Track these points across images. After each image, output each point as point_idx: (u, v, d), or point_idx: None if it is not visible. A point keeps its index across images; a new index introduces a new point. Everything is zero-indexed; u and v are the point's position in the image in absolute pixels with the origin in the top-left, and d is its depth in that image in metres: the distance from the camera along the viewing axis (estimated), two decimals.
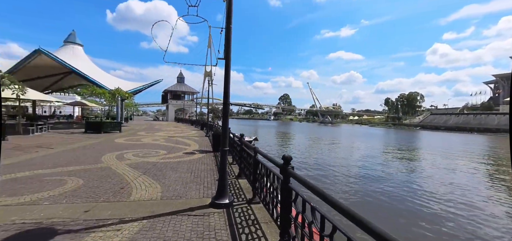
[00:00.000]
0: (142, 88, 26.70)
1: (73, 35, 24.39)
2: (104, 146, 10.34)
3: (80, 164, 6.66)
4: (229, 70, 3.93)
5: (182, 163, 7.27)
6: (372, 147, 26.67)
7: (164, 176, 5.69)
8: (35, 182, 4.89)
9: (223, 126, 4.14)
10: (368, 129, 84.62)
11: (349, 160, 17.79)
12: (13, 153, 7.98)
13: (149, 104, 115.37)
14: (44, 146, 9.76)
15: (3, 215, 3.31)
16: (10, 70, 17.19)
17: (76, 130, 17.91)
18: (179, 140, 13.45)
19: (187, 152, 9.50)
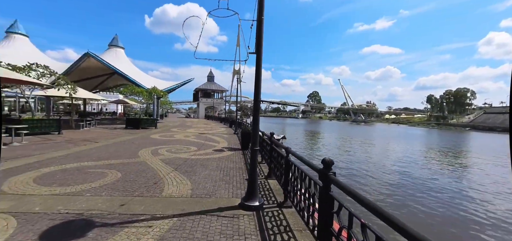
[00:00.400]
0: (176, 87, 28.09)
1: (116, 39, 26.73)
2: (141, 141, 11.00)
3: (119, 157, 7.11)
4: (260, 65, 3.71)
5: (212, 160, 7.30)
6: (414, 150, 24.28)
7: (194, 173, 5.73)
8: (81, 173, 5.29)
9: (253, 124, 3.94)
10: (407, 128, 77.74)
11: (388, 165, 16.39)
12: (66, 145, 8.90)
13: (182, 102, 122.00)
14: (90, 140, 10.74)
15: (52, 204, 3.58)
16: (65, 72, 19.43)
17: (118, 125, 19.55)
18: (208, 137, 13.75)
19: (216, 149, 9.59)
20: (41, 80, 12.40)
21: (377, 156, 19.65)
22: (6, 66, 11.25)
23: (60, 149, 8.17)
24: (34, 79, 9.95)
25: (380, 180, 11.70)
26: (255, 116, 3.85)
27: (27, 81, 9.16)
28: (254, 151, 3.89)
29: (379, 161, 17.19)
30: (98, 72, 24.21)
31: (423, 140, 38.01)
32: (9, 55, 18.61)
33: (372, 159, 17.98)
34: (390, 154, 21.18)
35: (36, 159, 6.51)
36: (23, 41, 22.47)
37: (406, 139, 37.66)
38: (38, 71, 11.87)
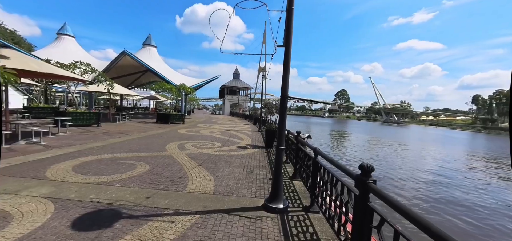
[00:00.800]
0: (203, 84, 28.94)
1: (149, 38, 28.39)
2: (169, 135, 11.44)
3: (148, 150, 7.42)
4: (289, 59, 3.48)
5: (235, 157, 7.25)
6: (457, 156, 21.87)
7: (218, 169, 5.70)
8: (113, 164, 5.58)
9: (280, 122, 3.72)
10: (446, 131, 70.64)
11: (425, 173, 14.97)
12: (103, 137, 9.59)
13: (208, 99, 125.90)
14: (125, 132, 11.47)
15: (85, 192, 3.77)
16: (104, 69, 21.15)
17: (149, 120, 20.72)
18: (233, 134, 13.83)
19: (240, 146, 9.55)
20: (84, 76, 13.58)
21: (413, 161, 18.04)
22: (55, 64, 12.51)
23: (98, 140, 8.82)
24: (77, 75, 10.90)
25: (417, 191, 10.66)
26: (281, 113, 3.64)
27: (71, 77, 10.06)
28: (280, 150, 3.68)
29: (415, 167, 15.74)
30: (133, 70, 25.90)
31: (466, 145, 34.10)
32: (58, 54, 20.82)
33: (406, 164, 16.55)
34: (427, 160, 19.31)
35: (77, 148, 7.08)
36: (71, 41, 25.02)
37: (445, 143, 34.11)
38: (81, 69, 13.02)
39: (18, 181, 4.12)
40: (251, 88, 55.41)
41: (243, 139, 11.64)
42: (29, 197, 3.48)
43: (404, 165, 15.89)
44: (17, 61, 7.11)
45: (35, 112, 16.21)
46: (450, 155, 21.77)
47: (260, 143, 10.81)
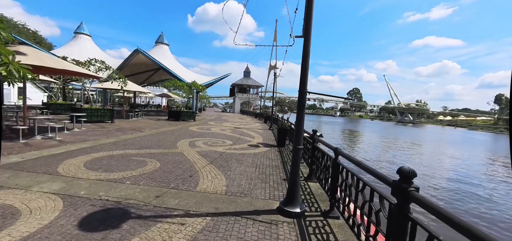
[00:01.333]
0: (214, 82, 29.00)
1: (161, 37, 28.75)
2: (181, 132, 11.42)
3: (160, 147, 7.35)
4: (308, 50, 3.20)
5: (247, 156, 7.04)
6: (479, 161, 20.65)
7: (229, 168, 5.51)
8: (124, 160, 5.52)
9: (297, 119, 3.44)
10: (466, 132, 67.25)
11: (446, 178, 14.20)
12: (115, 133, 9.68)
13: (219, 97, 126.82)
14: (137, 129, 11.56)
15: (95, 190, 3.68)
16: (119, 67, 21.62)
17: (161, 117, 20.96)
18: (243, 132, 13.65)
19: (251, 144, 9.34)
20: (99, 74, 13.83)
21: (435, 165, 17.16)
22: (71, 61, 12.81)
23: (111, 136, 8.88)
24: (92, 72, 11.08)
25: (456, 203, 10.03)
26: (299, 111, 3.36)
27: (86, 74, 10.22)
28: (297, 150, 3.41)
29: (437, 171, 14.94)
30: (146, 68, 26.35)
31: (490, 148, 32.19)
32: (75, 52, 21.45)
33: (429, 168, 15.75)
34: (448, 163, 18.32)
35: (90, 144, 7.13)
36: (87, 40, 25.77)
37: (468, 145, 32.37)
38: (96, 66, 13.27)
39: (30, 176, 4.10)
40: (261, 86, 55.10)
41: (254, 137, 11.43)
42: (40, 193, 3.42)
43: (437, 171, 15.11)
44: (33, 57, 7.22)
45: (53, 108, 16.78)
46: (470, 158, 20.56)
47: (271, 141, 10.56)
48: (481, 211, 8.39)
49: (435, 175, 13.03)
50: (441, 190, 10.37)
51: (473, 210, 8.49)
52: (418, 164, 16.18)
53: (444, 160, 18.80)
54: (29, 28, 46.72)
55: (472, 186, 11.30)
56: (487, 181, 12.69)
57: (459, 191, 10.46)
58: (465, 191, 10.40)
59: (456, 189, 10.71)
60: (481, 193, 10.38)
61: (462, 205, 8.78)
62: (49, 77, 17.82)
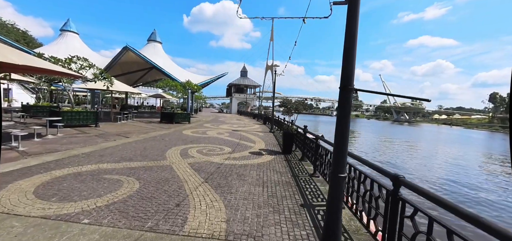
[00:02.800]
0: (210, 81, 27.72)
1: (154, 34, 27.32)
2: (172, 137, 10.17)
3: (144, 158, 6.11)
4: (355, 25, 2.02)
5: (250, 168, 5.85)
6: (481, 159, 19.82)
7: (230, 188, 4.31)
8: (93, 181, 4.27)
9: (338, 135, 2.24)
10: (463, 131, 67.15)
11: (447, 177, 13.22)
12: (96, 140, 8.38)
13: (215, 98, 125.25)
14: (123, 134, 10.26)
15: (29, 239, 2.44)
16: (107, 66, 20.20)
17: (154, 119, 19.61)
18: (243, 135, 12.45)
19: (253, 151, 8.15)
20: (82, 72, 12.48)
21: (438, 167, 16.20)
22: (49, 58, 11.44)
23: (89, 144, 7.60)
24: (70, 71, 9.75)
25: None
26: (341, 118, 2.17)
27: (63, 72, 8.88)
28: (339, 180, 2.22)
29: (437, 172, 13.96)
30: (138, 67, 24.94)
31: (488, 145, 31.57)
32: (61, 51, 19.97)
33: (431, 169, 14.77)
34: (448, 163, 17.40)
35: (58, 156, 5.84)
36: (74, 38, 24.23)
37: (466, 143, 31.69)
38: (78, 64, 11.91)
39: None
40: (259, 86, 53.93)
41: (255, 142, 10.24)
42: None
43: (438, 172, 14.13)
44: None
45: (34, 111, 15.32)
46: (472, 156, 19.71)
47: (274, 146, 9.39)
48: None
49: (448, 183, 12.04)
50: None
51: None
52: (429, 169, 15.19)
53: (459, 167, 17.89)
54: (19, 28, 45.30)
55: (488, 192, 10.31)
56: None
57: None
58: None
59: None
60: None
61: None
62: (28, 77, 16.34)
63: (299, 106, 7.97)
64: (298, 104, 7.97)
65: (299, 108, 7.93)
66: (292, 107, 7.93)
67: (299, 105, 7.98)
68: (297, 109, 7.94)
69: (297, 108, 7.93)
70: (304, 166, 6.36)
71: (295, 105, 7.93)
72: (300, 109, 7.93)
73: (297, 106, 7.93)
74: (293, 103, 8.02)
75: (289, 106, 7.91)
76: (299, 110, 7.93)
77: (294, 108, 7.94)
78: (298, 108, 7.92)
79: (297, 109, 7.92)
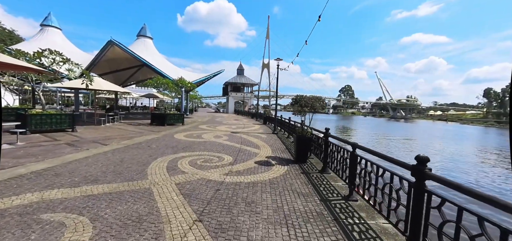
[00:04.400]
0: (205, 79, 26.01)
1: (144, 29, 25.44)
2: (161, 143, 8.55)
3: (116, 177, 4.50)
4: None
5: (261, 188, 4.31)
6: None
7: (237, 232, 2.77)
8: (17, 228, 2.66)
9: None
10: (460, 127, 66.84)
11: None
12: (61, 150, 6.71)
13: (212, 97, 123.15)
14: (101, 140, 8.60)
15: None
16: (91, 63, 18.35)
17: (145, 121, 17.87)
18: (244, 138, 10.89)
19: (259, 160, 6.60)
20: (57, 68, 10.73)
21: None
22: (14, 51, 9.69)
23: (51, 155, 5.94)
24: (32, 65, 8.02)
25: None
26: None
27: (25, 67, 7.18)
28: None
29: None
30: (128, 64, 23.07)
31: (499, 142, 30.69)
32: (41, 47, 18.06)
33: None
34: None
35: None
36: (56, 34, 22.23)
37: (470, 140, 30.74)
38: (49, 58, 10.17)
39: None
40: (256, 84, 52.32)
41: (259, 147, 8.69)
42: None
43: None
44: None
45: (5, 115, 13.47)
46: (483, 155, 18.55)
47: (283, 152, 7.86)
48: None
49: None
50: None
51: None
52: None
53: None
54: (5, 27, 43.61)
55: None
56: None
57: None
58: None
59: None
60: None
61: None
62: (8, 77, 14.49)
63: (315, 103, 6.44)
64: (314, 101, 6.44)
65: (316, 106, 6.41)
66: (307, 105, 6.39)
67: (315, 102, 6.45)
68: (313, 107, 6.42)
69: (313, 106, 6.40)
70: (329, 182, 4.84)
71: (310, 102, 6.39)
72: (317, 108, 6.41)
73: (312, 104, 6.40)
74: (308, 99, 6.48)
75: (304, 104, 6.37)
76: (315, 108, 6.41)
77: (309, 107, 6.41)
78: (314, 106, 6.39)
79: (313, 108, 6.40)
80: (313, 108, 6.35)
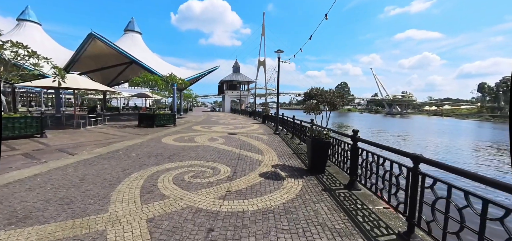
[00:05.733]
0: (199, 76, 24.43)
1: (132, 23, 23.71)
2: (143, 150, 7.10)
3: (60, 211, 3.06)
4: None
5: (273, 221, 2.95)
6: None
7: None
8: None
9: None
10: (456, 121, 66.60)
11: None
12: (8, 164, 5.21)
13: (207, 96, 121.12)
14: (70, 148, 7.11)
15: None
16: (71, 59, 16.67)
17: (133, 122, 16.30)
18: (243, 141, 9.50)
19: (265, 172, 5.22)
20: (22, 62, 9.15)
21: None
22: None
23: None
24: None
25: None
26: None
27: None
28: None
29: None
30: (116, 60, 21.25)
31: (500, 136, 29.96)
32: None
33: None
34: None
35: None
36: (35, 29, 20.38)
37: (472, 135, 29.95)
38: (10, 51, 8.57)
39: None
40: (252, 82, 50.86)
41: (262, 152, 7.31)
42: None
43: None
44: None
45: None
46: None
47: (291, 158, 6.51)
48: None
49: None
50: None
51: None
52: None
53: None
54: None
55: None
56: None
57: None
58: None
59: None
60: None
61: None
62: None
63: (335, 98, 5.07)
64: (333, 96, 5.08)
65: (335, 101, 5.04)
66: (326, 101, 5.03)
67: (336, 98, 5.08)
68: (332, 103, 5.06)
69: (332, 102, 5.04)
70: (366, 205, 3.49)
71: (329, 97, 5.02)
72: (338, 104, 5.05)
73: (331, 100, 5.04)
74: (326, 94, 5.11)
75: (322, 100, 5.01)
76: (335, 105, 5.05)
77: (328, 103, 5.04)
78: (333, 102, 5.03)
79: (333, 105, 5.04)
80: (333, 105, 4.98)
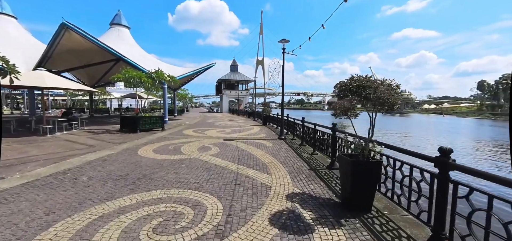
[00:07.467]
0: (194, 74, 22.43)
1: (118, 16, 21.67)
2: (104, 170, 5.17)
3: None
4: None
5: None
6: None
7: None
8: None
9: None
10: (457, 120, 65.28)
11: None
12: None
13: (205, 96, 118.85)
14: (4, 167, 5.15)
15: None
16: (44, 54, 14.64)
17: (116, 126, 14.31)
18: (242, 150, 7.59)
19: (277, 211, 3.33)
20: None
21: None
22: None
23: None
24: None
25: None
26: None
27: None
28: None
29: None
30: (102, 57, 19.18)
31: None
32: None
33: None
34: None
35: None
36: (9, 22, 18.35)
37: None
38: None
39: None
40: (251, 81, 48.93)
41: (267, 168, 5.40)
42: None
43: None
44: None
45: None
46: None
47: (309, 178, 4.63)
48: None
49: None
50: None
51: None
52: None
53: None
54: None
55: None
56: None
57: None
58: None
59: None
60: None
61: None
62: None
63: (392, 94, 3.16)
64: (387, 93, 3.15)
65: (392, 99, 3.14)
66: (379, 101, 3.12)
67: (392, 93, 3.17)
68: (390, 104, 3.15)
69: (389, 101, 3.12)
70: None
71: (383, 95, 3.09)
72: (396, 103, 3.14)
73: (386, 98, 3.12)
74: (379, 87, 3.19)
75: (374, 98, 3.10)
76: (392, 105, 3.14)
77: (381, 101, 3.13)
78: (390, 102, 3.12)
79: (390, 105, 3.12)
80: (391, 105, 3.09)
